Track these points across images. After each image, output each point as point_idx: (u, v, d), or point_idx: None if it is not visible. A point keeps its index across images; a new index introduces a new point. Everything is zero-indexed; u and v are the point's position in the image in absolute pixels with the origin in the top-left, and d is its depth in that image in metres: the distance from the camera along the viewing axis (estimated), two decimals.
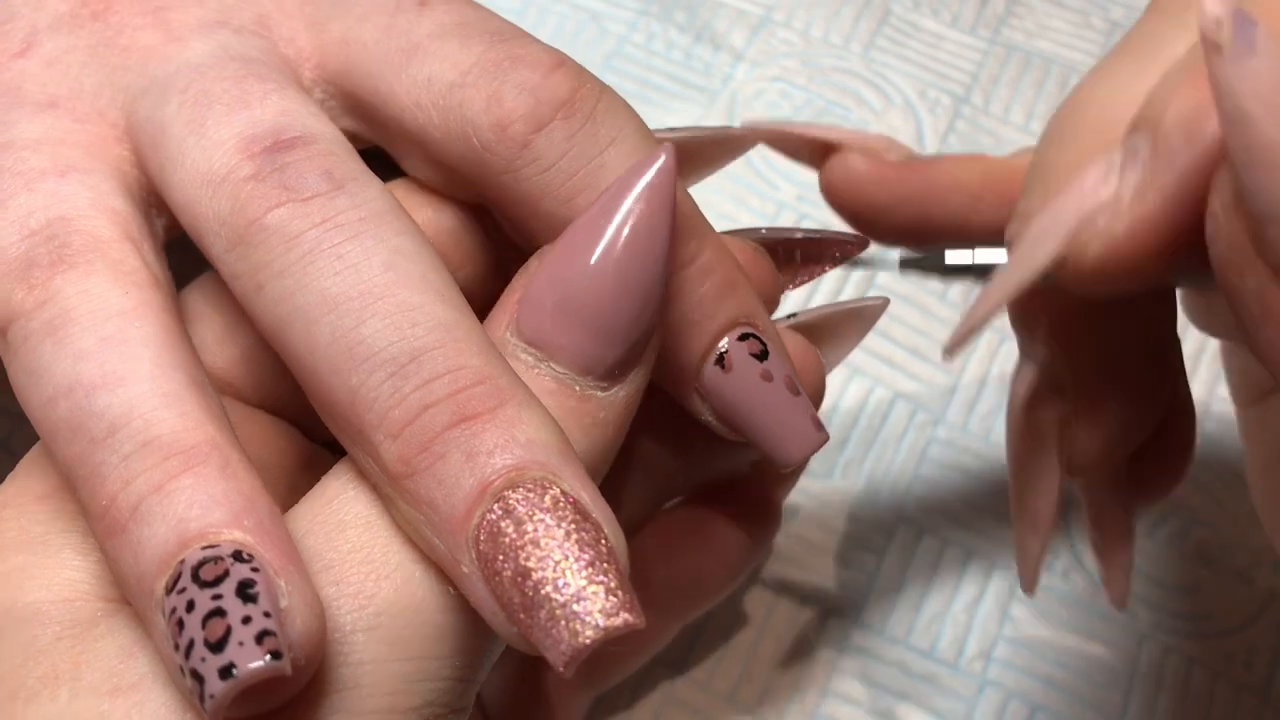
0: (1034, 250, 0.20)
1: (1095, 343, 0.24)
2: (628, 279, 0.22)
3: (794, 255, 0.29)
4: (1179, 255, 0.19)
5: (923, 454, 0.38)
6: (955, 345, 0.22)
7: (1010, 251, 0.22)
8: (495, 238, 0.26)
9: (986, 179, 0.26)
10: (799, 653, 0.35)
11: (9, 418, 0.36)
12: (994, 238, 0.26)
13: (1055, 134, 0.22)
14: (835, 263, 0.28)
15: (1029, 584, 0.27)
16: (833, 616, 0.35)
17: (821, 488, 0.37)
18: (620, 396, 0.23)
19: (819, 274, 0.29)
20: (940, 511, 0.37)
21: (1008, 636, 0.35)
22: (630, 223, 0.22)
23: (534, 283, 0.22)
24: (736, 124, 0.43)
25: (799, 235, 0.28)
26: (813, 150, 0.28)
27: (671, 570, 0.30)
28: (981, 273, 0.23)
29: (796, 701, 0.34)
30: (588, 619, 0.19)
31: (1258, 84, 0.16)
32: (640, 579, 0.31)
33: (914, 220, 0.27)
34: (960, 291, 0.41)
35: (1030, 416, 0.25)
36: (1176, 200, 0.19)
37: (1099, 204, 0.19)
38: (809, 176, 0.42)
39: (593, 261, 0.22)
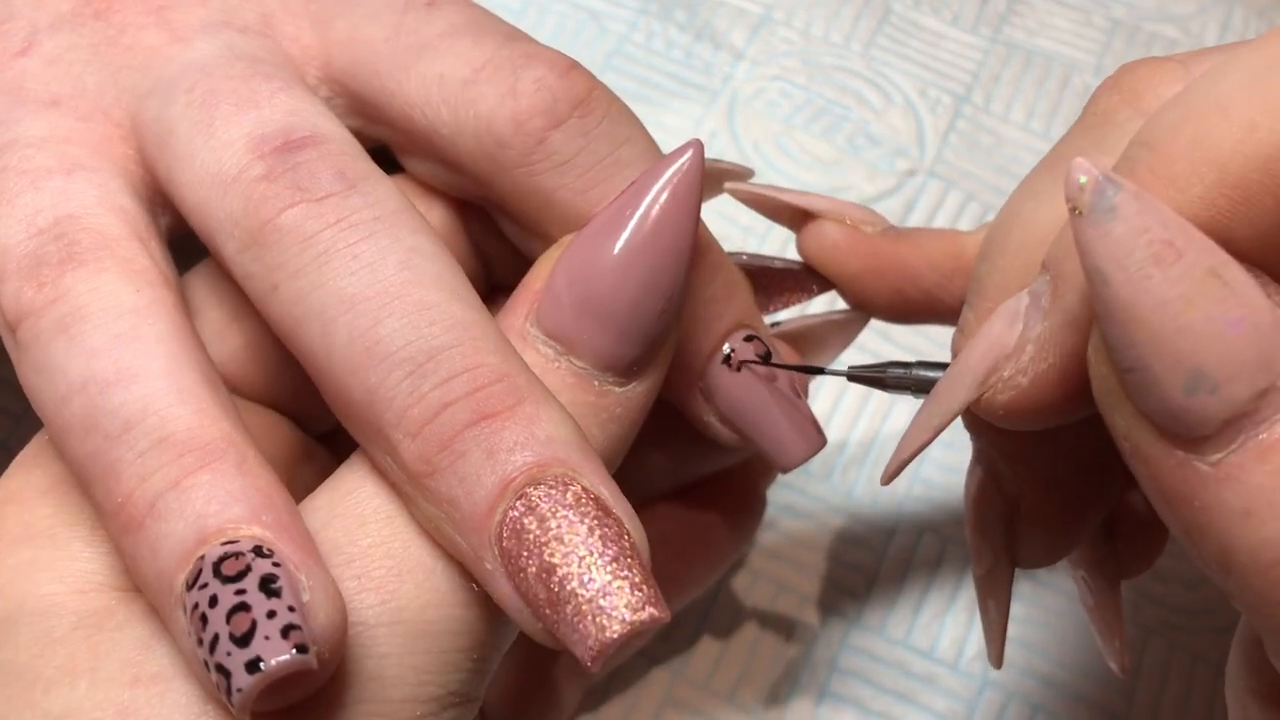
0: (951, 393, 0.22)
1: (1035, 454, 0.25)
2: (651, 274, 0.22)
3: (771, 284, 0.29)
4: (1080, 401, 0.20)
5: (923, 454, 0.38)
6: (890, 477, 0.23)
7: (951, 361, 0.23)
8: (483, 237, 0.27)
9: (958, 260, 0.27)
10: (799, 653, 0.35)
11: (8, 417, 0.36)
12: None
13: (988, 249, 0.23)
14: (811, 295, 0.29)
15: (995, 656, 0.28)
16: (833, 616, 0.35)
17: (822, 488, 0.37)
18: (637, 392, 0.23)
19: (793, 304, 0.29)
20: (940, 511, 0.37)
21: (1009, 636, 0.35)
22: (655, 215, 0.22)
23: (556, 273, 0.23)
24: (736, 124, 0.43)
25: (778, 265, 0.29)
26: (791, 215, 0.28)
27: (658, 561, 0.30)
28: (920, 387, 0.24)
29: (796, 702, 0.34)
30: (614, 614, 0.19)
31: (1113, 247, 0.17)
32: None
33: (887, 294, 0.28)
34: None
35: (980, 513, 0.26)
36: (1074, 358, 0.20)
37: (1005, 353, 0.21)
38: (809, 177, 0.42)
39: (616, 252, 0.22)
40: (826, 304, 0.33)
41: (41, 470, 0.23)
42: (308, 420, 0.26)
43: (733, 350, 0.25)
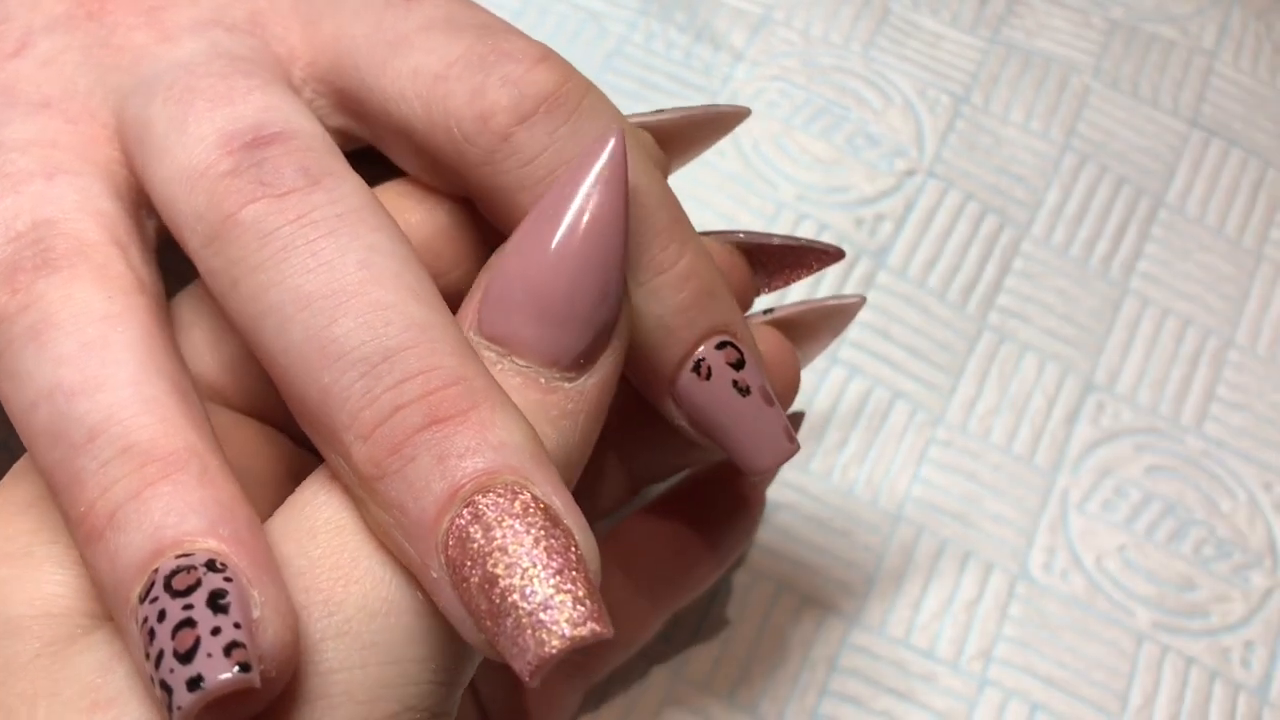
0: None
1: None
2: (585, 266, 0.22)
3: (770, 260, 0.29)
4: None
5: (922, 454, 0.38)
6: None
7: None
8: (491, 237, 0.26)
9: None
10: (799, 653, 0.35)
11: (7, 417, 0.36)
12: None
13: None
14: (810, 271, 0.28)
15: None
16: (832, 616, 0.36)
17: (821, 488, 0.37)
18: (589, 385, 0.22)
19: (793, 281, 0.29)
20: (940, 511, 0.37)
21: (1008, 636, 0.35)
22: (587, 210, 0.22)
23: (494, 279, 0.22)
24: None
25: (776, 241, 0.28)
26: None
27: (658, 560, 0.30)
28: None
29: (796, 701, 0.34)
30: (554, 628, 0.19)
31: None
32: (627, 568, 0.31)
33: None
34: (959, 291, 0.41)
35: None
36: None
37: None
38: (809, 177, 0.42)
39: (549, 251, 0.22)
40: (810, 287, 0.33)
41: (27, 483, 0.22)
42: (302, 434, 0.26)
43: (703, 359, 0.25)
